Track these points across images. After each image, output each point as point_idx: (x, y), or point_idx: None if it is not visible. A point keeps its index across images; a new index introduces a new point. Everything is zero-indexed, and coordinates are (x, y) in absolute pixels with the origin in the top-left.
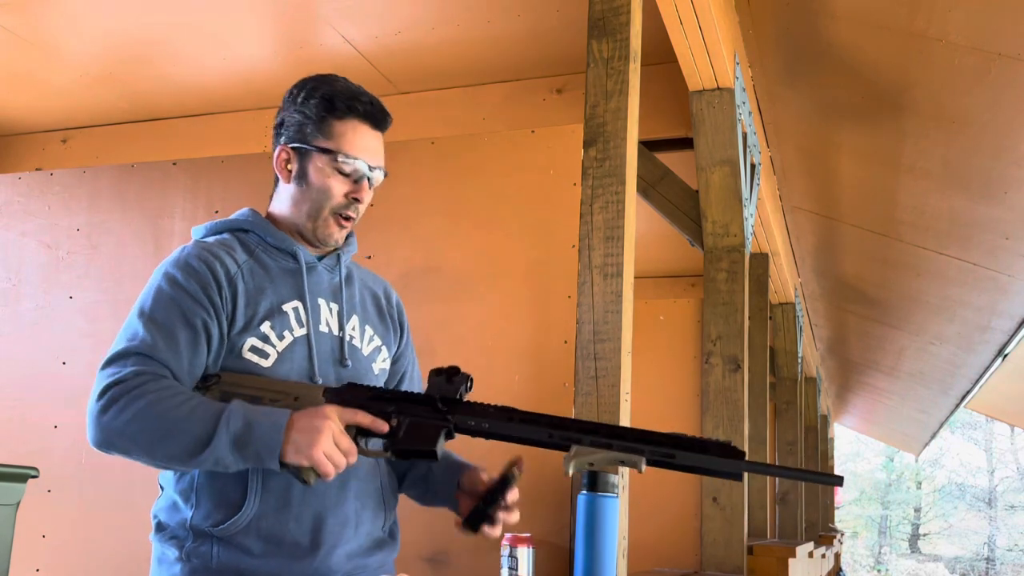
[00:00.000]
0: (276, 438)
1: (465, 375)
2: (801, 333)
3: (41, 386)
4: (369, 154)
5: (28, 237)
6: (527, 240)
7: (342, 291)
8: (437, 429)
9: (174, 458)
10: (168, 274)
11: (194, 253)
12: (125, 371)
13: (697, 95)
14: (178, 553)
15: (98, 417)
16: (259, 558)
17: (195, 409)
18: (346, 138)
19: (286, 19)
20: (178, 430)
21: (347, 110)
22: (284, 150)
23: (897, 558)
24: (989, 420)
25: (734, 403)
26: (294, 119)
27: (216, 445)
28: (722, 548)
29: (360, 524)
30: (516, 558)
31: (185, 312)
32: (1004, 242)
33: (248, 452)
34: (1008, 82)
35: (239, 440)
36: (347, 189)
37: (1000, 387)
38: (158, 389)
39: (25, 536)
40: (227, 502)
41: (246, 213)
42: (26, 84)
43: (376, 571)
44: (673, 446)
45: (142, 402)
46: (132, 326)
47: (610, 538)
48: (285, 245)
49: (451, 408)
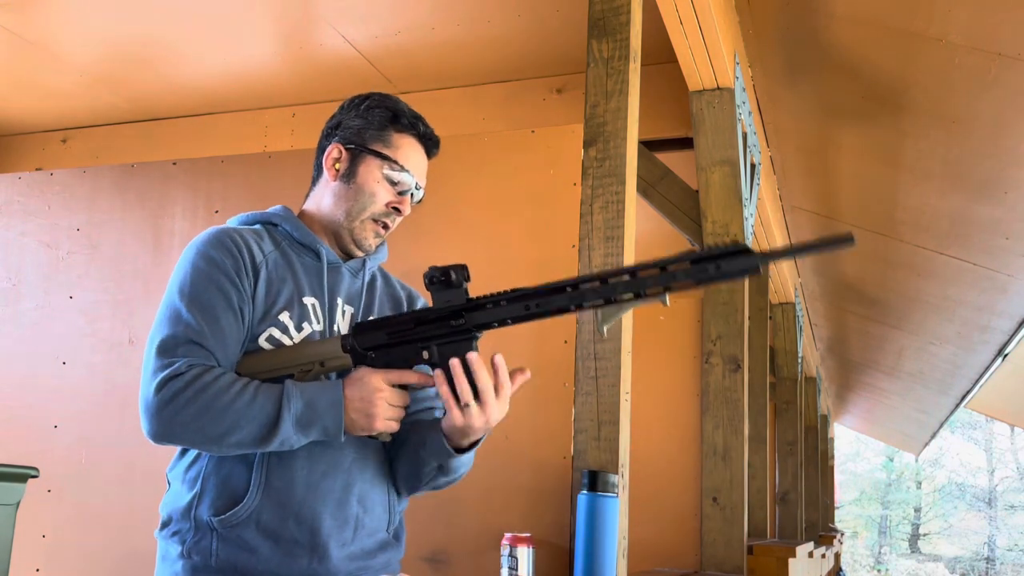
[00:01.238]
0: (339, 414)
1: (460, 269)
2: (801, 333)
3: (41, 386)
4: (418, 172)
5: (28, 237)
6: (527, 240)
7: (362, 295)
8: (467, 344)
9: (242, 445)
10: (202, 252)
11: (225, 233)
12: (179, 363)
13: (697, 95)
14: (180, 549)
15: (159, 412)
16: (258, 555)
17: (255, 397)
18: (403, 150)
19: (286, 19)
20: (244, 420)
21: (409, 126)
22: (336, 147)
23: (897, 558)
24: (989, 420)
25: (734, 403)
26: (354, 123)
27: (282, 429)
28: (722, 548)
29: (361, 527)
30: (516, 558)
31: (225, 294)
32: (1004, 242)
33: (313, 431)
34: (1008, 82)
35: (302, 420)
36: (391, 198)
37: (1000, 387)
38: (215, 380)
39: (25, 536)
40: (230, 492)
41: (279, 209)
42: (26, 84)
43: (379, 572)
44: (687, 273)
45: (205, 396)
46: (174, 307)
47: (610, 538)
48: (309, 242)
49: (467, 317)
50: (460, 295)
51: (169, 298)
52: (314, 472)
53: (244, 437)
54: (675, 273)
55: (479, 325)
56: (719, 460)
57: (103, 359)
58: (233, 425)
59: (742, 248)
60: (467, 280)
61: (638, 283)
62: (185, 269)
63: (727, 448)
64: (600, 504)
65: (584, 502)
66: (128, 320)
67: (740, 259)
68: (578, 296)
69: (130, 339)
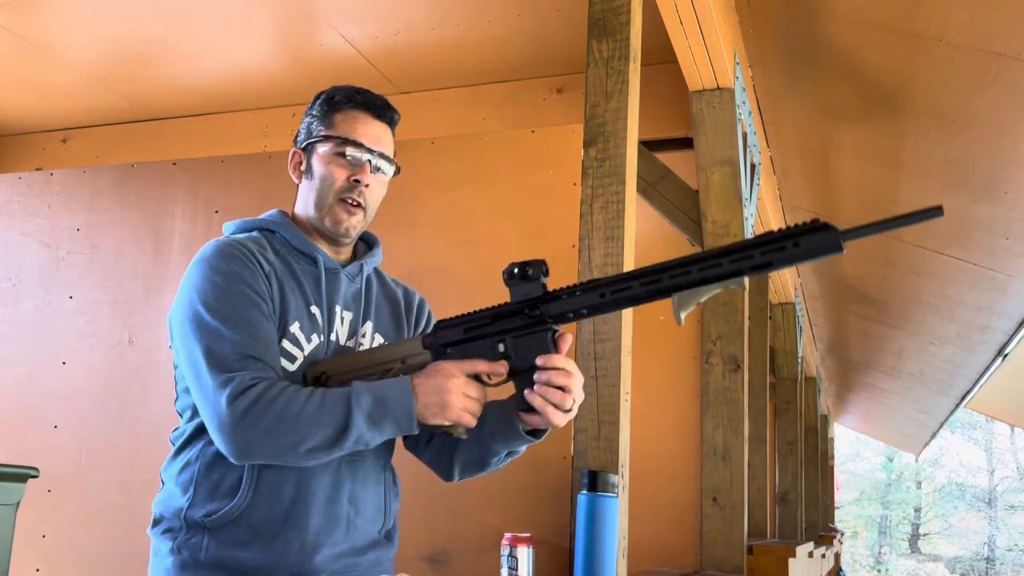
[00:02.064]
0: (408, 403)
1: (538, 264)
2: (801, 333)
3: (41, 386)
4: (369, 139)
5: (28, 237)
6: (527, 240)
7: (361, 299)
8: (544, 336)
9: (318, 451)
10: (217, 267)
11: (232, 246)
12: (241, 376)
13: (697, 95)
14: (171, 545)
15: (235, 429)
16: (246, 551)
17: (324, 401)
18: (346, 125)
19: (286, 19)
20: (316, 425)
21: (346, 101)
22: (295, 152)
23: (897, 558)
24: (989, 420)
25: (734, 403)
26: (304, 123)
27: (355, 427)
28: (722, 548)
29: (353, 528)
30: (516, 558)
31: (255, 303)
32: (1004, 242)
33: (386, 424)
34: (1008, 82)
35: (372, 416)
36: (348, 172)
37: (1000, 387)
38: (282, 391)
39: (25, 536)
40: (221, 493)
41: (275, 214)
42: (26, 84)
43: (368, 570)
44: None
45: (275, 407)
46: (208, 325)
47: (610, 538)
48: (307, 249)
49: (543, 309)
50: (536, 288)
51: (195, 316)
52: (304, 472)
53: (320, 442)
54: (752, 253)
55: (555, 316)
56: (719, 460)
57: (103, 359)
58: (307, 432)
59: (822, 225)
60: (545, 275)
61: (715, 265)
62: (203, 287)
63: (727, 448)
64: (600, 504)
65: (584, 502)
66: (128, 320)
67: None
68: (654, 281)
69: (130, 339)
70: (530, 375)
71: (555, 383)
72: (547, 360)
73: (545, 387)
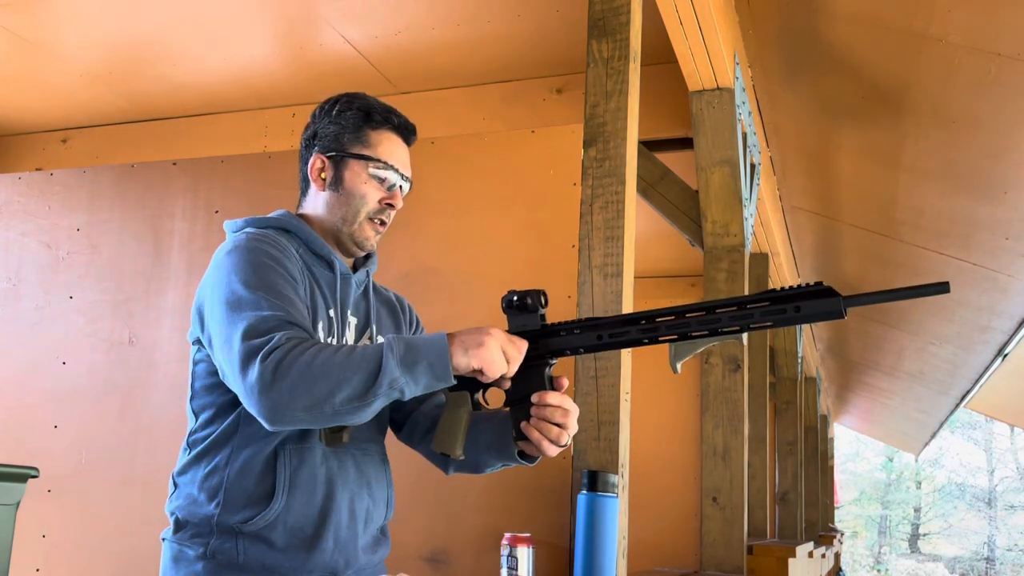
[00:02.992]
0: (442, 344)
1: (537, 295)
2: (801, 333)
3: (41, 386)
4: (401, 164)
5: (28, 237)
6: (527, 240)
7: (369, 305)
8: (540, 369)
9: (353, 400)
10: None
11: (266, 236)
12: (276, 337)
13: (697, 95)
14: (201, 551)
15: (267, 387)
16: (282, 552)
17: (353, 351)
18: (383, 147)
19: (286, 19)
20: (349, 370)
21: (383, 121)
22: (319, 158)
23: (897, 558)
24: (989, 420)
25: (734, 403)
26: (329, 130)
27: (387, 369)
28: (722, 548)
29: (371, 520)
30: (516, 558)
31: (292, 284)
32: (1004, 242)
33: (419, 369)
34: (1008, 82)
35: (406, 359)
36: (382, 195)
37: (1000, 387)
38: (314, 344)
39: (25, 536)
40: (256, 499)
41: (284, 214)
42: (26, 84)
43: (377, 567)
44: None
45: (305, 357)
46: (248, 299)
47: (610, 538)
48: (324, 252)
49: (541, 344)
50: (535, 320)
51: (232, 294)
52: (331, 468)
53: (354, 389)
54: (752, 312)
55: (553, 352)
56: (719, 460)
57: (103, 359)
58: (341, 377)
59: (825, 289)
60: (544, 306)
61: (714, 320)
62: (242, 267)
63: (727, 448)
64: (600, 504)
65: (584, 502)
66: (128, 320)
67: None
68: (651, 329)
69: (130, 339)
70: (525, 406)
71: (552, 420)
72: (545, 397)
73: (541, 422)
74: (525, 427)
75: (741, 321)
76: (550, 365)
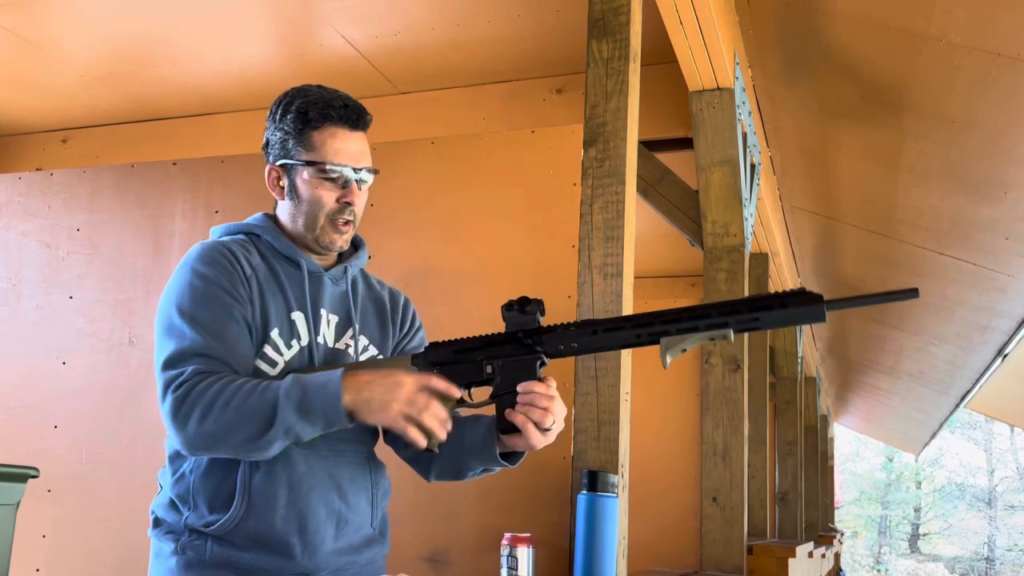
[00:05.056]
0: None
1: (537, 301)
2: (801, 333)
3: (41, 386)
4: (351, 157)
5: (28, 237)
6: (527, 240)
7: (348, 302)
8: (532, 363)
9: (251, 441)
10: (197, 271)
11: (216, 249)
12: (186, 372)
13: (697, 95)
14: (174, 547)
15: (174, 421)
16: (248, 552)
17: (253, 394)
18: (327, 146)
19: (286, 19)
20: (246, 416)
21: (322, 118)
22: (273, 169)
23: (897, 558)
24: (989, 420)
25: (734, 403)
26: (276, 137)
27: (281, 418)
28: (722, 548)
29: (346, 522)
30: (516, 558)
31: (226, 306)
32: (1004, 242)
33: (314, 414)
34: (1008, 82)
35: (302, 406)
36: (337, 195)
37: (1000, 387)
38: (217, 382)
39: (25, 536)
40: (218, 504)
41: (260, 218)
42: (26, 84)
43: (364, 567)
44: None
45: (205, 398)
46: (176, 326)
47: (610, 538)
48: (290, 253)
49: (536, 339)
50: (532, 322)
51: (168, 318)
52: (295, 473)
53: (249, 434)
54: (740, 307)
55: (547, 347)
56: (719, 460)
57: (103, 359)
58: (238, 423)
59: (809, 293)
60: (542, 313)
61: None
62: (181, 289)
63: (727, 448)
64: (600, 504)
65: (584, 502)
66: (128, 320)
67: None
68: (643, 325)
69: (130, 339)
70: (511, 395)
71: (538, 404)
72: (530, 386)
73: (526, 406)
74: (510, 413)
75: (730, 316)
76: (543, 362)
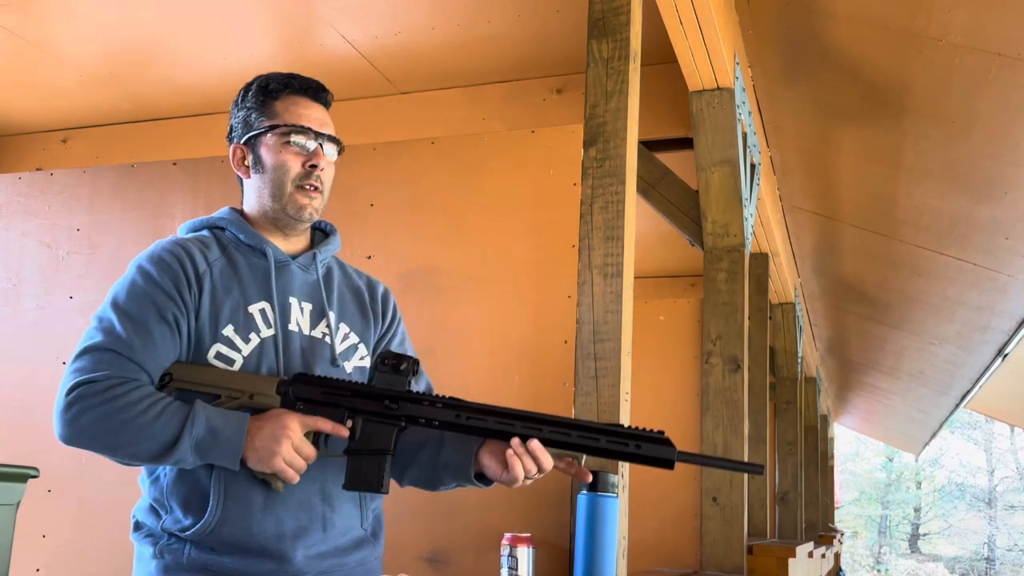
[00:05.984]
0: (238, 445)
1: (411, 362)
2: (801, 333)
3: (41, 386)
4: (314, 122)
5: (28, 237)
6: (527, 240)
7: (319, 289)
8: (390, 430)
9: (137, 458)
10: (142, 268)
11: (168, 248)
12: (97, 373)
13: (697, 95)
14: (153, 551)
15: (63, 414)
16: (227, 557)
17: (161, 415)
18: (289, 112)
19: (286, 19)
20: (143, 435)
21: (283, 87)
22: (237, 148)
23: (897, 558)
24: (989, 420)
25: (734, 403)
26: (239, 117)
27: (180, 451)
28: (722, 548)
29: (331, 526)
30: (516, 558)
31: (159, 308)
32: (1004, 242)
33: (211, 457)
34: (1008, 82)
35: (201, 446)
36: (303, 159)
37: (1000, 387)
38: (126, 393)
39: (25, 536)
40: (192, 508)
41: (226, 211)
42: (27, 84)
43: (354, 569)
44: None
45: (110, 406)
46: (107, 317)
47: (610, 538)
48: (255, 242)
49: (400, 405)
50: (402, 383)
51: (103, 310)
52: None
53: (140, 451)
54: (596, 438)
55: (409, 416)
56: None
57: None
58: (133, 439)
59: (664, 440)
60: (414, 375)
61: (563, 434)
62: (123, 284)
63: (727, 448)
64: (600, 504)
65: (584, 502)
66: None
67: (659, 448)
68: (505, 424)
69: None
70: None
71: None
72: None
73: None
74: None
75: (585, 442)
76: (402, 428)
